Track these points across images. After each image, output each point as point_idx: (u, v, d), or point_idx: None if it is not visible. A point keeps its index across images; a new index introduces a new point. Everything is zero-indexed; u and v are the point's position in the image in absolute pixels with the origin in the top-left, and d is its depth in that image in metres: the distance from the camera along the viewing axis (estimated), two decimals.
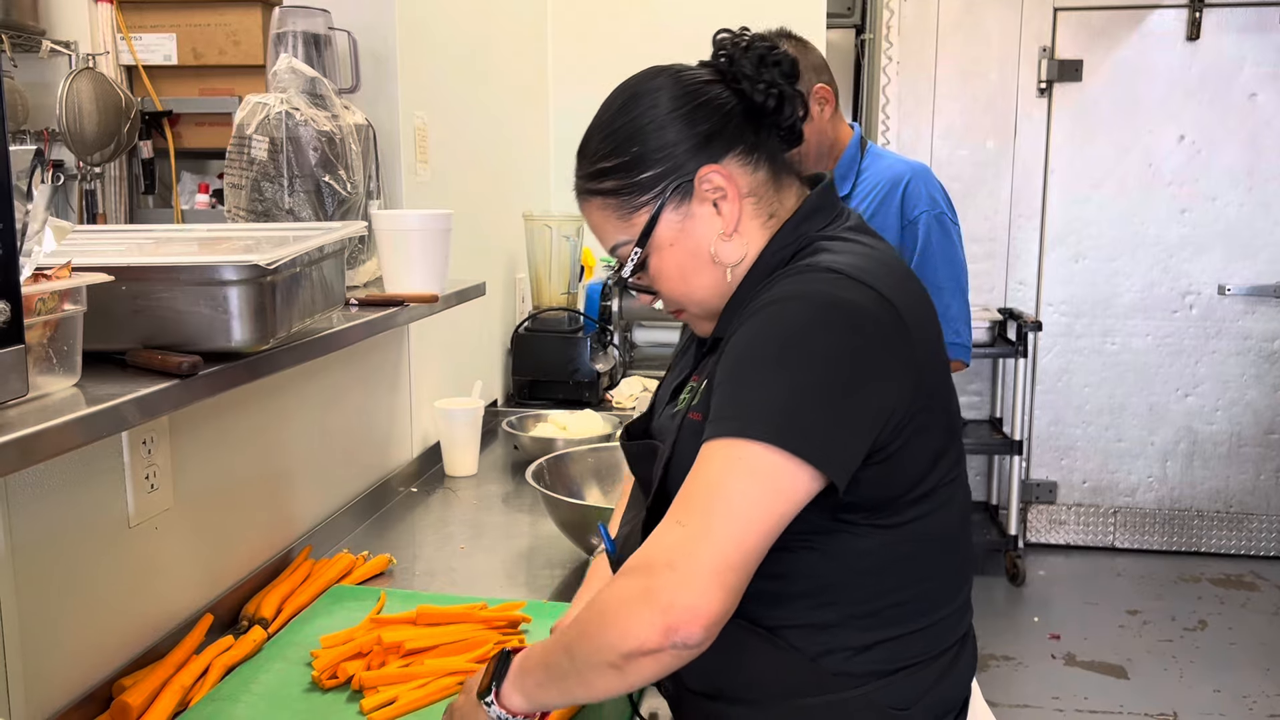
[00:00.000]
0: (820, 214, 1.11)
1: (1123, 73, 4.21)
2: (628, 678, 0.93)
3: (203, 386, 1.10)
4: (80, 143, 2.53)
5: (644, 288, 1.14)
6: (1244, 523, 4.41)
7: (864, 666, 1.03)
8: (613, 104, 1.11)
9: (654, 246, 1.09)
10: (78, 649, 1.24)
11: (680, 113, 1.07)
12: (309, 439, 1.80)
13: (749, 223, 1.09)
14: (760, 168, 1.10)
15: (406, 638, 1.38)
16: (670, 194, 1.07)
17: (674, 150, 1.07)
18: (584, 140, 1.13)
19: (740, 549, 0.90)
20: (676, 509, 0.94)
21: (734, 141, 1.08)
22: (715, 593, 0.88)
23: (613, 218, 1.11)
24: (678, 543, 0.90)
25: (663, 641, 0.88)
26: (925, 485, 1.03)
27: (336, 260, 1.41)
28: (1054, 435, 4.47)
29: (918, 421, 1.00)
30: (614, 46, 3.33)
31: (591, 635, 0.94)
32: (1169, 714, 3.20)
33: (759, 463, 0.91)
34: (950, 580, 1.09)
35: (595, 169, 1.10)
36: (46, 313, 0.93)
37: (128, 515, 1.32)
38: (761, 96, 1.08)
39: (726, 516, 0.90)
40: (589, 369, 2.74)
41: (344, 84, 1.94)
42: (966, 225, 4.20)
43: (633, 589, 0.91)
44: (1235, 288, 4.28)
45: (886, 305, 0.98)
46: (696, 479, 0.94)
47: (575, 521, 1.70)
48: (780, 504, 0.92)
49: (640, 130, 1.07)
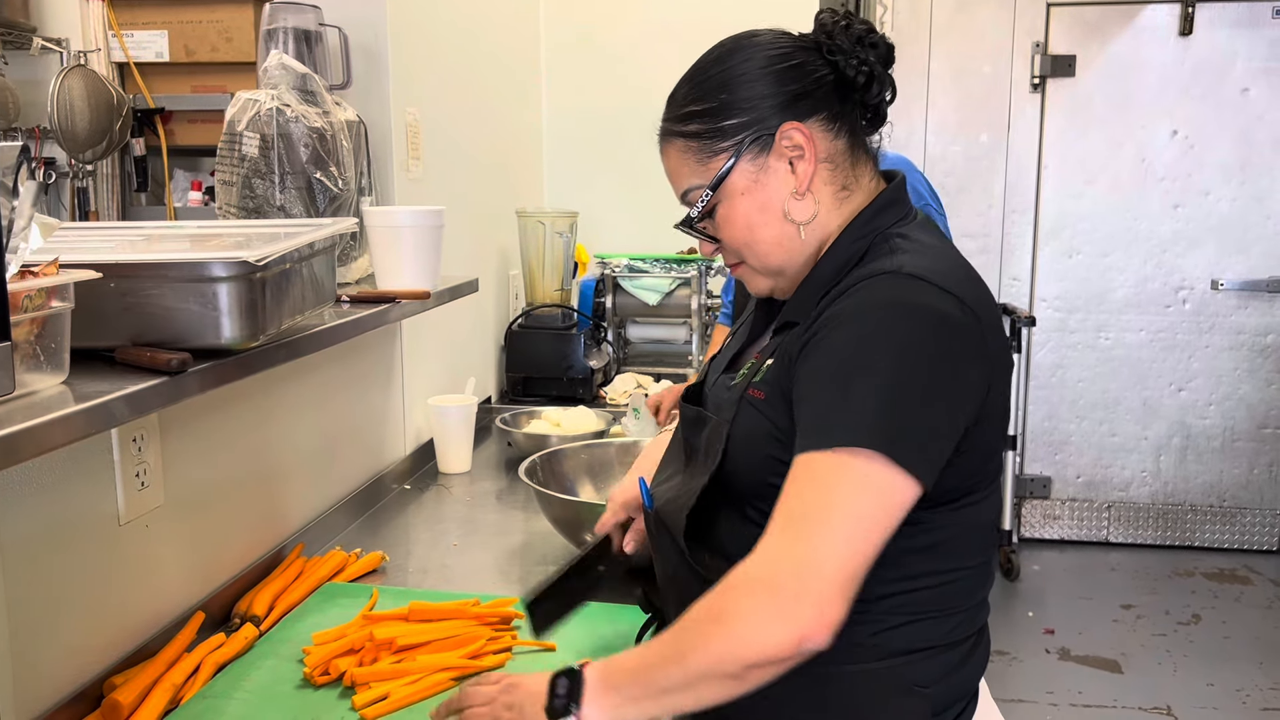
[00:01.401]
0: (893, 208, 1.13)
1: (1116, 68, 4.21)
2: (744, 685, 0.95)
3: (192, 384, 1.10)
4: (72, 140, 2.52)
5: (707, 235, 1.15)
6: (1237, 517, 4.42)
7: (893, 642, 1.05)
8: (710, 54, 1.14)
9: (725, 193, 1.11)
10: (68, 647, 1.24)
11: (773, 70, 1.09)
12: (301, 436, 1.80)
13: (822, 188, 1.11)
14: (840, 137, 1.12)
15: (399, 634, 1.37)
16: (749, 144, 1.09)
17: (760, 103, 1.09)
18: (676, 87, 1.15)
19: (860, 560, 0.94)
20: (790, 521, 0.95)
21: (820, 106, 1.10)
22: (840, 604, 0.92)
23: (691, 160, 1.12)
24: (801, 558, 0.93)
25: (793, 651, 0.92)
26: (977, 478, 1.06)
27: (327, 257, 1.41)
28: (1048, 430, 4.48)
29: (985, 422, 1.03)
30: (607, 42, 3.33)
31: (712, 649, 0.94)
32: (1163, 708, 3.20)
33: (872, 476, 0.94)
34: (982, 570, 1.11)
35: (682, 112, 1.13)
36: (33, 310, 0.93)
37: (118, 513, 1.32)
38: (854, 71, 1.10)
39: (845, 529, 0.93)
40: (583, 365, 2.74)
41: (335, 80, 1.93)
42: (960, 221, 4.24)
43: (760, 602, 0.92)
44: (1228, 282, 4.28)
45: (969, 311, 1.01)
46: (806, 491, 0.96)
47: (568, 518, 1.70)
48: (893, 513, 0.95)
49: (732, 80, 1.10)
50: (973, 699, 1.13)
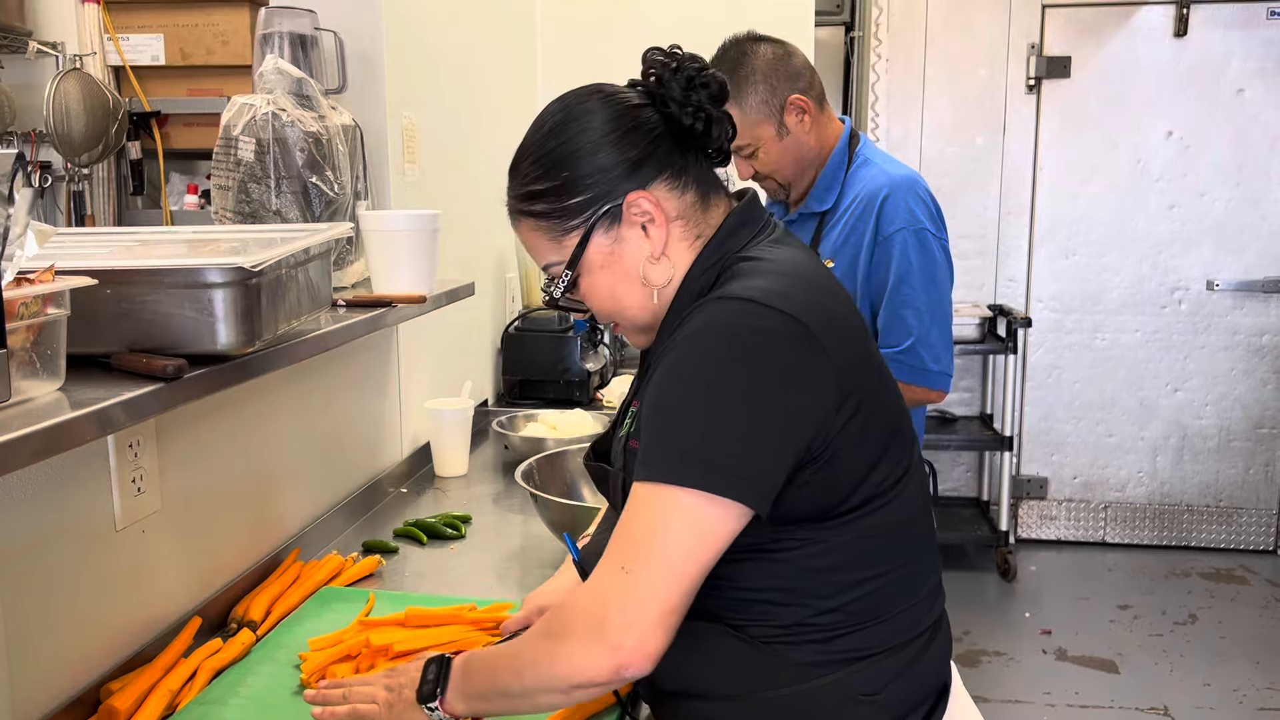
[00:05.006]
0: (744, 229, 1.12)
1: (1111, 69, 4.22)
2: (570, 700, 1.04)
3: (189, 389, 1.10)
4: (68, 144, 2.52)
5: (576, 306, 1.16)
6: (1233, 517, 4.42)
7: (830, 656, 1.05)
8: (543, 125, 1.13)
9: (584, 268, 1.11)
10: (65, 653, 1.24)
11: (611, 138, 1.08)
12: (297, 441, 1.80)
13: (676, 245, 1.11)
14: (688, 190, 1.11)
15: (395, 639, 1.37)
16: (599, 218, 1.09)
17: (604, 176, 1.08)
18: (515, 160, 1.15)
19: (679, 591, 0.97)
20: (618, 552, 0.99)
21: (663, 166, 1.09)
22: (660, 633, 0.96)
23: (544, 239, 1.13)
24: (625, 590, 0.96)
25: (611, 677, 0.97)
26: (866, 489, 1.05)
27: (323, 262, 1.41)
28: (1044, 431, 4.49)
29: (848, 431, 1.02)
30: (603, 45, 3.33)
31: (543, 665, 1.01)
32: (1160, 708, 3.21)
33: (688, 510, 0.96)
34: (913, 571, 1.10)
35: (526, 191, 1.12)
36: (29, 317, 0.93)
37: (114, 518, 1.32)
38: (690, 120, 1.10)
39: (664, 564, 0.96)
40: (579, 368, 2.74)
41: (331, 84, 1.93)
42: (956, 222, 4.24)
43: (585, 629, 0.97)
44: (1224, 283, 4.29)
45: (796, 325, 0.99)
46: (632, 523, 0.99)
47: (565, 521, 1.70)
48: (713, 544, 0.98)
49: (571, 155, 1.09)
50: (940, 697, 1.13)
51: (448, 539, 1.86)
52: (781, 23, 2.10)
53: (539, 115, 1.14)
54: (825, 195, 2.00)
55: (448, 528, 1.87)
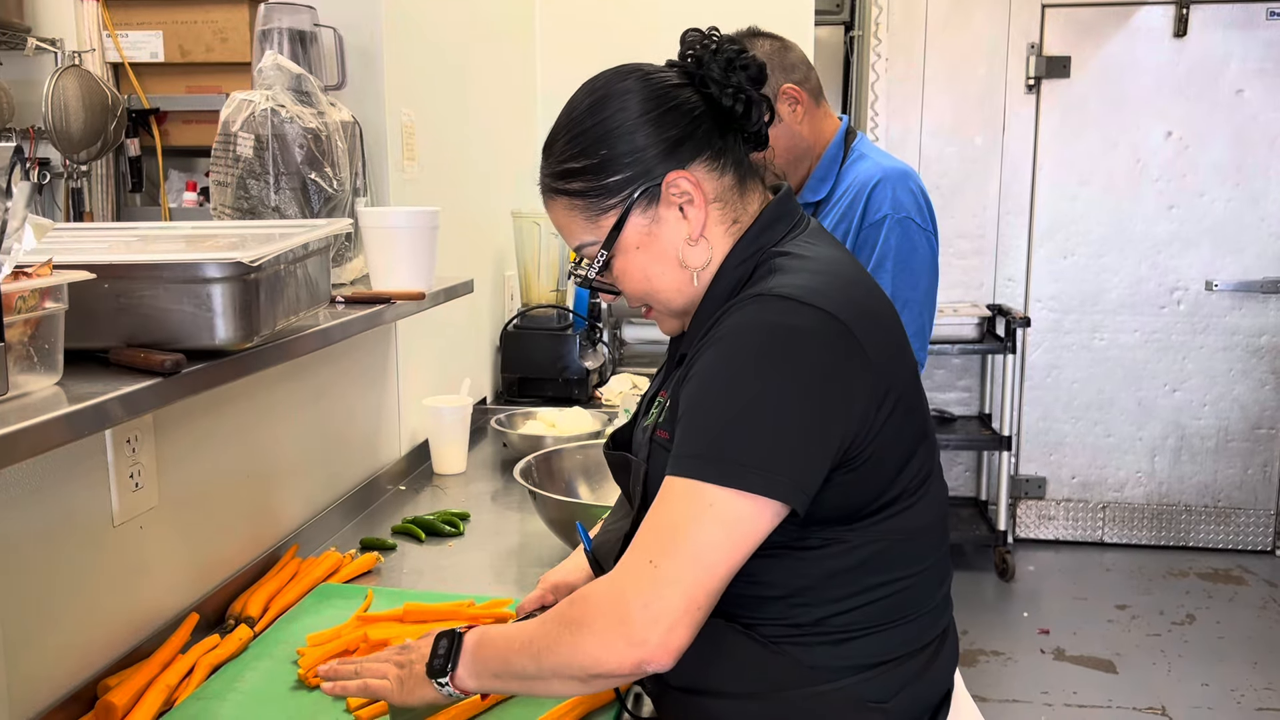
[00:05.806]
0: (780, 223, 1.12)
1: (1110, 69, 4.22)
2: (588, 688, 1.02)
3: (186, 385, 1.10)
4: (66, 141, 2.52)
5: (608, 287, 1.15)
6: (1231, 517, 4.43)
7: (843, 661, 1.04)
8: (580, 103, 1.11)
9: (620, 248, 1.10)
10: (62, 648, 1.23)
11: (649, 117, 1.07)
12: (295, 437, 1.80)
13: (714, 228, 1.10)
14: (726, 172, 1.10)
15: (393, 635, 1.37)
16: (637, 197, 1.08)
17: (643, 155, 1.07)
18: (550, 138, 1.13)
19: (707, 589, 0.95)
20: (646, 544, 0.97)
21: (702, 147, 1.08)
22: (684, 630, 0.95)
23: (579, 218, 1.11)
24: (651, 585, 0.95)
25: (633, 670, 0.96)
26: (895, 489, 1.04)
27: (322, 258, 1.41)
28: (1043, 431, 4.49)
29: (884, 431, 1.01)
30: (603, 42, 3.33)
31: (562, 653, 0.99)
32: (1158, 708, 3.21)
33: (722, 507, 0.95)
34: (928, 578, 1.10)
35: (562, 169, 1.10)
36: (27, 311, 0.93)
37: (112, 514, 1.31)
38: (730, 101, 1.09)
39: (694, 561, 0.95)
40: (578, 366, 2.74)
41: (330, 81, 1.93)
42: (955, 222, 4.25)
43: (608, 621, 0.96)
44: (1222, 283, 4.29)
45: (835, 323, 0.99)
46: (662, 516, 0.97)
47: (564, 519, 1.70)
48: (745, 543, 0.96)
49: (609, 133, 1.08)
50: (944, 702, 1.12)
51: (446, 536, 1.86)
52: (781, 22, 2.10)
53: (574, 94, 1.13)
54: (819, 186, 2.02)
55: (446, 525, 1.87)
